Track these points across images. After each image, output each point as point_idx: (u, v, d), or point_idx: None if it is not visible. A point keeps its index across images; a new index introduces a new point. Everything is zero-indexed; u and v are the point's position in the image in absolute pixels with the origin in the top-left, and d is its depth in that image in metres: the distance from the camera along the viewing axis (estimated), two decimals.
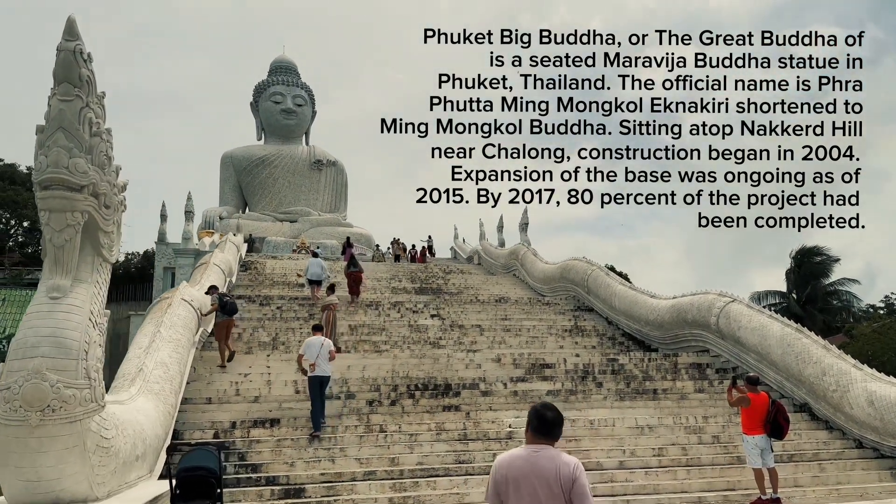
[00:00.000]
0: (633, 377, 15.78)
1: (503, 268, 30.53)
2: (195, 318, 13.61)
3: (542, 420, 4.11)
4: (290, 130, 56.68)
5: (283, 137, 56.40)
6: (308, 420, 12.32)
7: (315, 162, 56.21)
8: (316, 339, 12.53)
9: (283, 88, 57.05)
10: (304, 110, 57.43)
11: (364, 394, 13.63)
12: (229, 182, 55.33)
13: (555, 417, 4.13)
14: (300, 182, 55.07)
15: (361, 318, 19.86)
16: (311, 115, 58.62)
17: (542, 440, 4.08)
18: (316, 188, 55.95)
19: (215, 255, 21.18)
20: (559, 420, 4.14)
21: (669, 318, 18.40)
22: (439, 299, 22.75)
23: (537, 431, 4.10)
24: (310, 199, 55.00)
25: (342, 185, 58.02)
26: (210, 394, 13.17)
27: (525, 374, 15.31)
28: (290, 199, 54.48)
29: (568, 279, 24.26)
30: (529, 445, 4.11)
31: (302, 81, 58.66)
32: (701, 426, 13.34)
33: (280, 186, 54.75)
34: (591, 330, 20.64)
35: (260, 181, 54.90)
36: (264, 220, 51.35)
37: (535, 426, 4.11)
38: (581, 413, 13.58)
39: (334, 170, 56.97)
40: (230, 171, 55.29)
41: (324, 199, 56.34)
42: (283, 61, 59.49)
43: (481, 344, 18.32)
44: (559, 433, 4.14)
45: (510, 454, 4.12)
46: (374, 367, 14.96)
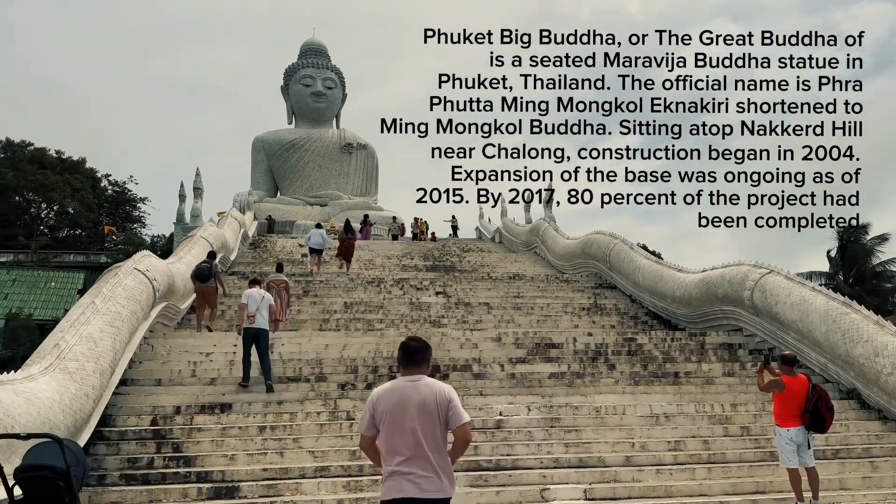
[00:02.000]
0: (651, 359, 13.61)
1: (524, 245, 28.39)
2: (149, 290, 11.90)
3: (407, 350, 4.37)
4: (321, 113, 55.27)
5: (313, 121, 55.06)
6: (265, 405, 10.53)
7: (345, 145, 54.70)
8: (256, 290, 11.76)
9: (313, 71, 55.56)
10: (335, 93, 55.87)
11: (337, 376, 11.77)
12: (261, 166, 54.31)
13: (418, 346, 4.41)
14: (330, 165, 53.67)
15: (359, 296, 18.03)
16: (342, 97, 57.11)
17: (413, 370, 4.34)
18: (346, 171, 54.50)
19: (205, 228, 19.58)
20: (423, 347, 4.42)
21: (698, 294, 16.12)
22: (448, 276, 20.79)
23: (407, 363, 4.37)
24: (340, 182, 53.59)
25: (373, 168, 56.47)
26: (162, 374, 11.47)
27: (527, 355, 13.27)
28: (320, 182, 53.13)
29: (589, 255, 22.05)
30: (404, 377, 4.35)
31: (332, 64, 57.12)
32: (728, 415, 11.17)
33: (310, 170, 53.45)
34: (611, 308, 18.46)
35: (290, 165, 53.70)
36: (295, 203, 50.15)
37: (403, 358, 4.37)
38: (586, 399, 11.51)
39: (365, 153, 55.37)
40: (261, 156, 54.24)
41: (354, 182, 54.85)
42: (313, 44, 58.10)
43: (487, 323, 16.34)
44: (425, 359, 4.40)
45: (387, 385, 4.40)
46: (356, 346, 13.10)
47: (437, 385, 4.28)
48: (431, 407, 4.18)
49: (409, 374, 4.35)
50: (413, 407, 4.19)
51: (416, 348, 4.39)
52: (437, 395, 4.22)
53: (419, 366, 4.37)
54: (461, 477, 8.83)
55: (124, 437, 9.51)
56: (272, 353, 12.54)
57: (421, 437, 4.17)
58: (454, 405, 4.25)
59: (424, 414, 4.17)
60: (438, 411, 4.19)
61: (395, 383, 4.36)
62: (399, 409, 4.21)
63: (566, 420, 10.68)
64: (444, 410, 4.21)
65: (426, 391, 4.23)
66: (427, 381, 4.29)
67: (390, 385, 4.38)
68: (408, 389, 4.25)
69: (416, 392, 4.23)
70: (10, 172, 42.81)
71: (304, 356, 12.47)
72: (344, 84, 57.40)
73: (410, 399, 4.21)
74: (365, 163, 55.82)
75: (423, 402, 4.19)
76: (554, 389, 11.78)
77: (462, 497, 8.49)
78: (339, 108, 57.37)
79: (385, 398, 4.28)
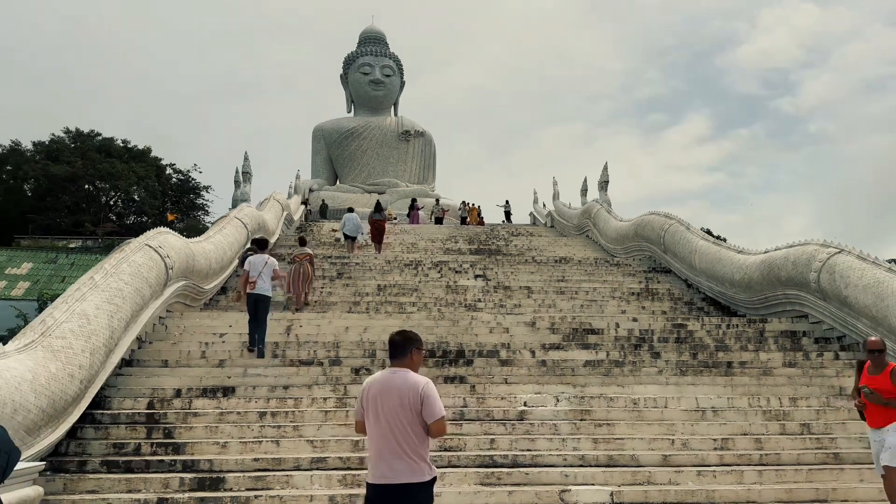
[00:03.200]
0: (702, 346, 12.22)
1: (576, 229, 26.96)
2: (160, 268, 11.21)
3: (392, 344, 4.60)
4: (379, 101, 54.80)
5: (371, 109, 54.66)
6: (270, 389, 9.72)
7: (403, 132, 54.09)
8: (258, 257, 11.69)
9: (372, 59, 55.05)
10: (393, 80, 55.27)
11: (353, 360, 10.86)
12: (320, 155, 54.31)
13: (401, 340, 4.59)
14: (388, 153, 53.19)
15: (394, 278, 17.11)
16: (400, 85, 56.50)
17: (396, 363, 4.56)
18: (404, 159, 53.94)
19: (240, 208, 19.00)
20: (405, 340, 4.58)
21: (759, 277, 14.55)
22: (490, 260, 19.65)
23: (391, 355, 4.60)
24: (398, 170, 53.05)
25: (430, 155, 55.76)
26: (170, 356, 10.79)
27: (561, 341, 12.08)
28: (378, 170, 52.73)
29: (643, 237, 20.54)
30: (389, 368, 4.60)
31: (391, 52, 56.53)
32: (786, 410, 9.75)
33: (369, 158, 53.08)
34: (664, 294, 17.00)
35: (349, 153, 53.48)
36: (353, 191, 49.86)
37: (389, 351, 4.62)
38: (623, 390, 10.26)
39: (422, 140, 54.66)
40: (321, 144, 54.20)
41: (412, 169, 54.25)
42: (371, 32, 57.63)
43: (525, 307, 15.17)
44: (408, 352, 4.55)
45: (375, 375, 4.63)
46: (378, 329, 12.17)
47: (412, 378, 4.42)
48: (404, 399, 4.34)
49: (393, 365, 4.57)
50: (389, 397, 4.37)
51: (398, 342, 4.59)
52: (410, 388, 4.36)
53: (400, 358, 4.54)
54: (471, 474, 7.80)
55: (116, 421, 8.84)
56: (288, 335, 11.77)
57: (395, 426, 4.33)
58: (428, 400, 4.35)
59: (397, 404, 4.34)
60: (411, 403, 4.33)
61: (382, 373, 4.59)
62: (379, 398, 4.40)
63: (598, 413, 9.48)
64: (417, 404, 4.34)
65: (401, 383, 4.39)
66: (403, 373, 4.46)
67: (378, 374, 4.61)
68: (388, 380, 4.45)
69: (393, 383, 4.41)
70: (79, 161, 43.74)
71: (322, 338, 11.63)
72: (402, 71, 56.79)
73: (388, 390, 4.40)
74: (422, 150, 55.18)
75: (397, 392, 4.36)
76: (588, 379, 10.58)
77: (469, 496, 7.47)
78: (397, 96, 56.83)
79: (372, 387, 4.49)
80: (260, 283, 11.25)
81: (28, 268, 28.78)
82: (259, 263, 11.47)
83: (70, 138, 47.19)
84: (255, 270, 11.36)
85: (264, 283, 11.31)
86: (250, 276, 11.31)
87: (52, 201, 42.85)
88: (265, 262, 11.51)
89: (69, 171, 42.68)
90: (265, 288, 11.29)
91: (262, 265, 11.44)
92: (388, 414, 4.33)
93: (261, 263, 11.47)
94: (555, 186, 33.05)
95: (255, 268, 11.41)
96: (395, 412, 4.32)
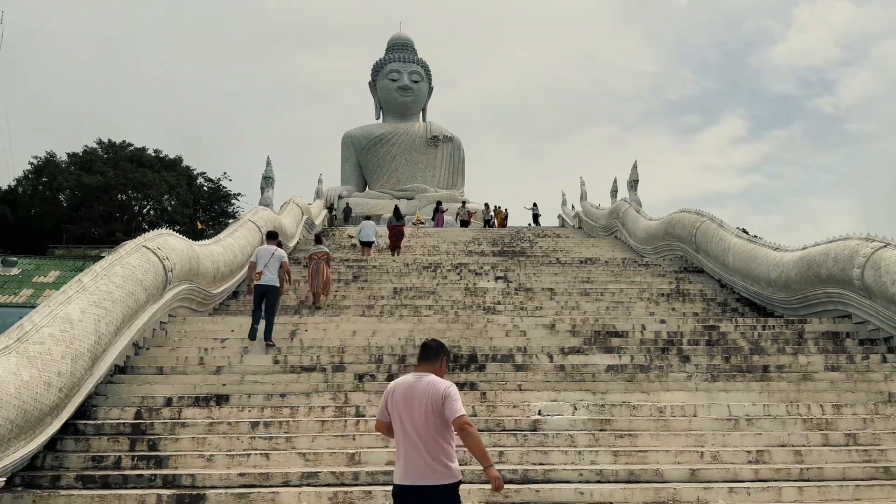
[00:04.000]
0: (735, 349, 11.25)
1: (604, 229, 25.95)
2: (158, 270, 10.63)
3: (425, 348, 4.71)
4: (407, 107, 54.45)
5: (400, 115, 54.33)
6: (266, 398, 9.06)
7: (431, 138, 53.57)
8: (266, 248, 11.54)
9: (400, 65, 54.74)
10: (421, 86, 54.88)
11: (358, 365, 10.15)
12: (350, 161, 54.07)
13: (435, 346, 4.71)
14: (417, 159, 52.71)
15: (412, 281, 16.39)
16: (428, 91, 56.11)
17: (424, 367, 4.63)
18: (433, 164, 53.41)
19: (255, 211, 18.46)
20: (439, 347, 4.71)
21: (797, 275, 13.50)
22: (512, 261, 18.81)
23: (420, 359, 4.69)
24: (427, 175, 52.53)
25: (459, 160, 55.15)
26: (167, 362, 10.20)
27: (582, 345, 11.22)
28: (407, 176, 52.28)
29: (673, 235, 19.52)
30: (414, 372, 4.65)
31: (419, 58, 56.19)
32: (830, 419, 8.77)
33: (398, 164, 52.70)
34: (695, 294, 15.99)
35: (378, 159, 53.17)
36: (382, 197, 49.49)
37: (419, 355, 4.73)
38: (648, 397, 9.38)
39: (451, 145, 54.05)
40: (350, 151, 53.96)
41: (441, 175, 53.69)
42: (399, 38, 57.37)
43: (547, 309, 14.33)
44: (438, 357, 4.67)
45: (400, 379, 4.66)
46: (387, 333, 11.45)
47: (436, 381, 4.47)
48: (429, 402, 4.37)
49: (420, 369, 4.63)
50: (414, 400, 4.41)
51: (432, 347, 4.69)
52: (433, 391, 4.40)
53: (431, 363, 4.62)
54: (475, 491, 7.00)
55: (99, 432, 8.24)
56: (292, 340, 11.12)
57: (420, 429, 4.36)
58: (449, 400, 4.37)
59: (422, 407, 4.37)
60: (433, 405, 4.36)
61: (407, 377, 4.61)
62: (404, 401, 4.44)
63: (620, 422, 8.61)
64: (439, 406, 4.36)
65: (425, 387, 4.43)
66: (428, 377, 4.50)
67: (404, 378, 4.63)
68: (414, 384, 4.49)
69: (418, 387, 4.45)
70: (112, 171, 44.04)
71: (327, 343, 10.93)
72: (430, 77, 56.38)
73: (413, 393, 4.44)
74: (451, 155, 54.59)
75: (421, 395, 4.40)
76: (609, 385, 9.71)
77: None
78: (425, 102, 56.41)
79: (398, 389, 4.53)
80: (267, 274, 11.08)
81: (55, 276, 28.75)
82: (266, 254, 11.29)
83: (103, 149, 47.59)
84: (262, 261, 11.19)
85: (271, 274, 11.12)
86: (257, 266, 11.15)
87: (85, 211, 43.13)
88: (272, 254, 11.29)
89: (101, 181, 42.98)
90: (272, 279, 11.11)
91: (268, 256, 11.24)
92: (413, 417, 4.37)
93: (267, 254, 11.27)
94: (582, 187, 32.00)
95: (261, 259, 11.24)
96: (420, 415, 4.36)
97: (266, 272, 11.07)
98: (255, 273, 11.15)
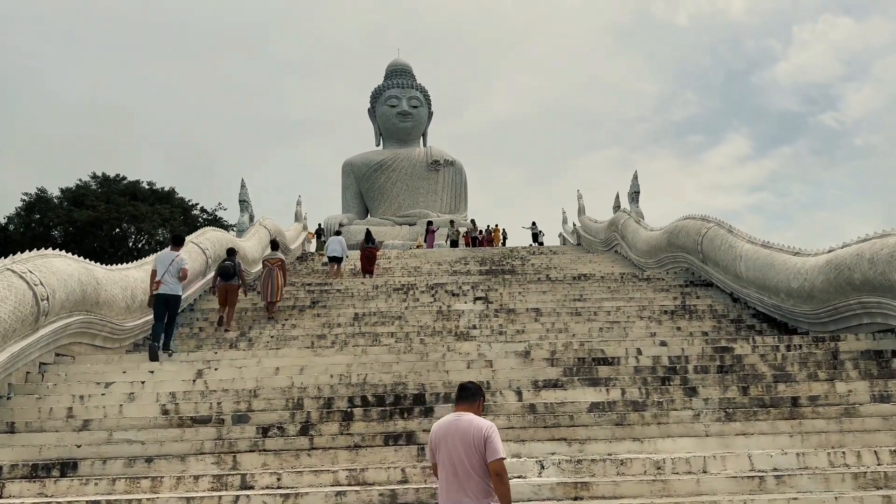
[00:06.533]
0: (754, 377, 8.74)
1: (603, 244, 23.47)
2: (26, 300, 8.34)
3: (462, 389, 4.57)
4: (407, 133, 52.73)
5: (400, 141, 52.59)
6: (127, 463, 6.67)
7: (432, 162, 51.66)
8: (167, 253, 10.65)
9: (399, 91, 53.12)
10: (420, 111, 53.17)
11: (267, 414, 7.72)
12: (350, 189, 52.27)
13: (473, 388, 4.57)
14: (418, 184, 50.76)
15: (378, 305, 14.01)
16: (428, 115, 54.42)
17: (463, 407, 4.47)
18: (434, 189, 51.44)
19: (202, 232, 16.19)
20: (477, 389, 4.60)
21: (824, 283, 10.99)
22: (496, 280, 16.38)
23: (459, 400, 4.53)
24: (428, 200, 50.50)
25: (461, 184, 53.20)
26: (26, 416, 7.84)
27: (561, 376, 8.75)
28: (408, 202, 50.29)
29: (677, 245, 17.04)
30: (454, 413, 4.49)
31: (418, 83, 54.64)
32: (888, 471, 6.24)
33: (398, 190, 50.76)
34: (704, 311, 13.49)
35: (378, 186, 51.30)
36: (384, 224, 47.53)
37: (457, 396, 4.57)
38: (642, 447, 6.89)
39: (452, 170, 52.09)
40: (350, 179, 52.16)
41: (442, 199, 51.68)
42: (397, 64, 55.91)
43: (530, 333, 11.90)
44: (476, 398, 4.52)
45: (441, 420, 4.52)
46: (319, 369, 9.04)
47: (477, 421, 4.33)
48: (469, 441, 4.24)
49: (459, 409, 4.48)
50: (454, 439, 4.27)
51: (470, 388, 4.56)
52: (475, 430, 4.26)
53: (469, 403, 4.48)
54: None
55: None
56: (195, 383, 8.74)
57: (459, 468, 4.22)
58: (490, 441, 4.23)
59: (462, 447, 4.24)
60: (475, 445, 4.23)
61: (448, 417, 4.48)
62: (446, 441, 4.31)
63: (602, 486, 6.14)
64: (481, 444, 4.23)
65: (466, 426, 4.30)
66: (467, 416, 4.37)
67: (444, 418, 4.51)
68: (454, 424, 4.35)
69: (458, 426, 4.32)
70: (103, 205, 42.21)
71: (239, 385, 8.53)
72: (430, 102, 54.76)
73: (454, 432, 4.31)
74: (453, 179, 52.65)
75: (461, 435, 4.26)
76: (591, 431, 7.24)
77: None
78: (425, 127, 54.73)
79: (439, 430, 4.41)
80: (169, 282, 10.23)
81: None
82: (166, 261, 10.39)
83: (96, 183, 45.90)
84: (162, 267, 10.28)
85: (172, 281, 10.30)
86: (157, 274, 10.25)
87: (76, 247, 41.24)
88: (171, 261, 10.37)
89: (92, 215, 41.11)
90: (173, 287, 10.30)
91: (168, 263, 10.33)
92: (453, 456, 4.23)
93: (167, 261, 10.37)
94: (579, 200, 29.51)
95: (160, 265, 10.36)
96: (459, 454, 4.23)
97: (168, 280, 10.16)
98: (156, 282, 10.19)
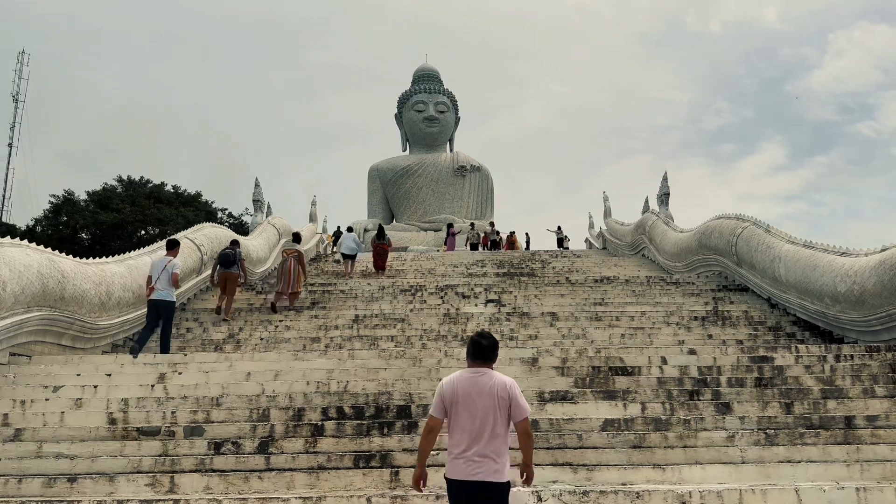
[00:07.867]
0: (799, 391, 7.40)
1: (629, 247, 22.07)
2: None
3: (478, 347, 4.22)
4: (434, 138, 51.89)
5: (426, 146, 51.76)
6: (46, 482, 5.60)
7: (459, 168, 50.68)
8: (161, 257, 10.30)
9: (426, 96, 52.35)
10: (447, 116, 52.29)
11: (225, 426, 6.62)
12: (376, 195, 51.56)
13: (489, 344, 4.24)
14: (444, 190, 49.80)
15: (381, 307, 12.90)
16: (455, 121, 53.55)
17: (481, 363, 4.20)
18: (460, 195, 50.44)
19: (198, 228, 15.25)
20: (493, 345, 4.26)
21: (877, 286, 9.57)
22: (512, 282, 15.15)
23: (475, 357, 4.22)
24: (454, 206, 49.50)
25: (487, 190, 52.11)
26: None
27: (571, 388, 7.51)
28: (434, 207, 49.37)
29: (709, 247, 15.63)
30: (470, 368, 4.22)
31: (445, 88, 53.84)
32: None
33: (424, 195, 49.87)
34: (738, 317, 12.12)
35: (404, 191, 50.49)
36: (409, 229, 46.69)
37: (472, 353, 4.23)
38: (664, 476, 5.64)
39: (479, 175, 51.07)
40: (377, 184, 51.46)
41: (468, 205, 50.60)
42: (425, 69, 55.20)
43: (544, 339, 10.69)
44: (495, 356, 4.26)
45: (453, 376, 4.25)
46: (296, 375, 7.93)
47: (500, 377, 4.15)
48: (496, 397, 4.05)
49: (475, 366, 4.20)
50: (481, 395, 4.07)
51: (487, 346, 4.23)
52: (499, 388, 4.07)
53: (487, 360, 4.21)
54: None
55: None
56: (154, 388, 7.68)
57: (485, 425, 4.03)
58: (517, 399, 4.09)
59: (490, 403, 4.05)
60: (499, 402, 4.05)
61: (462, 373, 4.24)
62: (470, 396, 4.08)
63: None
64: (506, 403, 4.06)
65: (491, 382, 4.10)
66: (490, 373, 4.17)
67: (456, 375, 4.25)
68: (476, 380, 4.12)
69: (479, 383, 4.10)
70: (128, 208, 42.01)
71: (202, 391, 7.46)
72: (457, 107, 53.92)
73: (480, 388, 4.08)
74: (479, 185, 51.60)
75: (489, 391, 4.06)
76: (603, 454, 6.00)
77: None
78: (452, 132, 53.84)
79: (451, 387, 4.17)
80: (160, 288, 9.82)
81: None
82: (159, 266, 10.01)
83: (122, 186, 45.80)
84: (155, 273, 9.90)
85: (164, 287, 9.86)
86: (151, 279, 9.89)
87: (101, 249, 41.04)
88: (163, 266, 9.95)
89: (117, 217, 40.89)
90: (165, 293, 9.88)
91: (161, 268, 9.94)
92: (481, 412, 4.01)
93: (160, 266, 9.98)
94: (605, 202, 28.07)
95: (154, 271, 9.98)
96: (486, 411, 4.01)
97: (160, 286, 9.76)
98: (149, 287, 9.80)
